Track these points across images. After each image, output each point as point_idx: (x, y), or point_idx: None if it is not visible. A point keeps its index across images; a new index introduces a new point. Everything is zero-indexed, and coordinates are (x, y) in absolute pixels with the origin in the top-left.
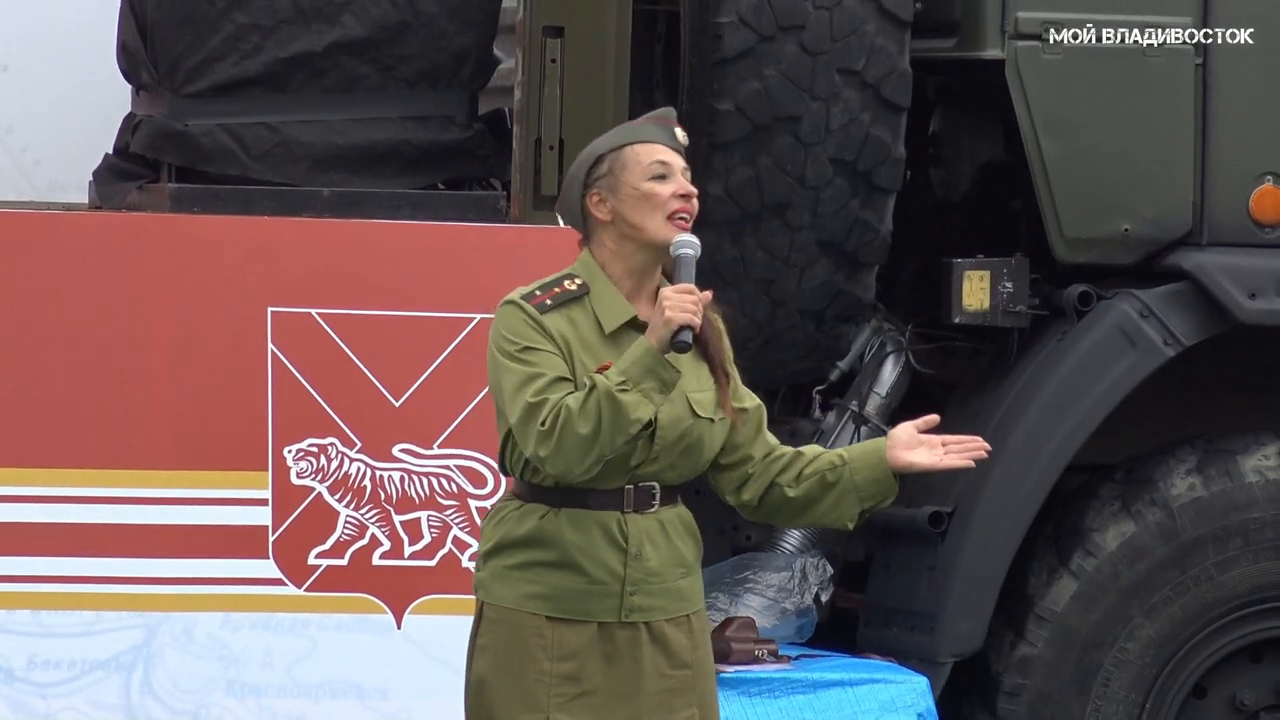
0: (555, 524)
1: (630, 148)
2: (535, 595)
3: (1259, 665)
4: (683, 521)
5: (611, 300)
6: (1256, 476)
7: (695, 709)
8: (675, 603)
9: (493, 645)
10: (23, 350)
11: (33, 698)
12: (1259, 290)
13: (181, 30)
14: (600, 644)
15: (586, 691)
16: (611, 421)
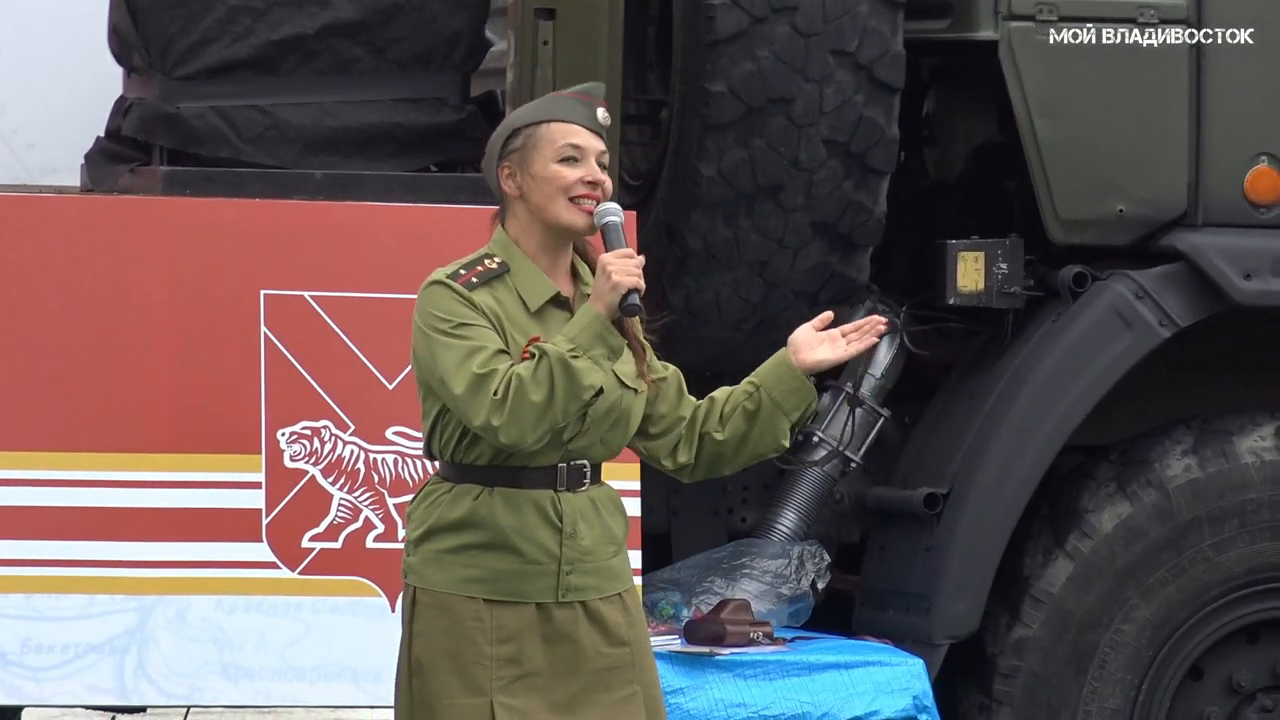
0: (489, 505)
1: (546, 125)
2: (472, 579)
3: (1255, 646)
4: (611, 499)
5: (533, 277)
6: (1252, 458)
7: (636, 686)
8: (608, 581)
9: (429, 630)
10: (14, 334)
11: (26, 681)
12: (1254, 271)
13: (173, 13)
14: (539, 625)
15: (528, 673)
16: (565, 388)
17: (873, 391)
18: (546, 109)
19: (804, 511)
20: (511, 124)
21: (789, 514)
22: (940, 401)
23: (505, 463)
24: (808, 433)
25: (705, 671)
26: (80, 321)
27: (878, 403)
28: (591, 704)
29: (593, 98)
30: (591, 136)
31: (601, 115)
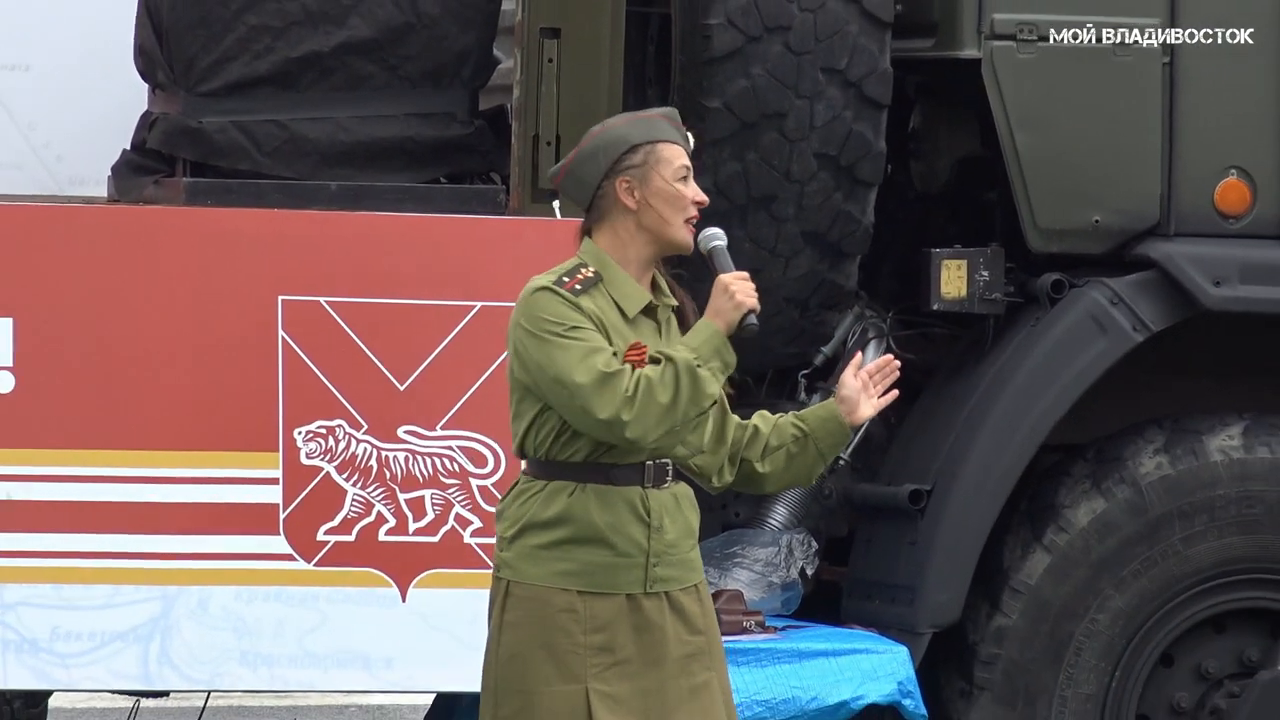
0: (583, 501)
1: (664, 145)
2: (566, 572)
3: (1223, 635)
4: (688, 495)
5: (628, 286)
6: (1221, 456)
7: (711, 673)
8: (688, 572)
9: (523, 621)
10: (43, 337)
11: (55, 667)
12: (1223, 278)
13: (195, 32)
14: (629, 614)
15: (620, 660)
16: (689, 395)
17: None
18: (654, 130)
19: (794, 507)
20: (625, 139)
21: (780, 508)
22: (924, 402)
23: (599, 459)
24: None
25: None
26: (106, 326)
27: None
28: (674, 690)
29: (680, 124)
30: (684, 154)
31: (689, 136)
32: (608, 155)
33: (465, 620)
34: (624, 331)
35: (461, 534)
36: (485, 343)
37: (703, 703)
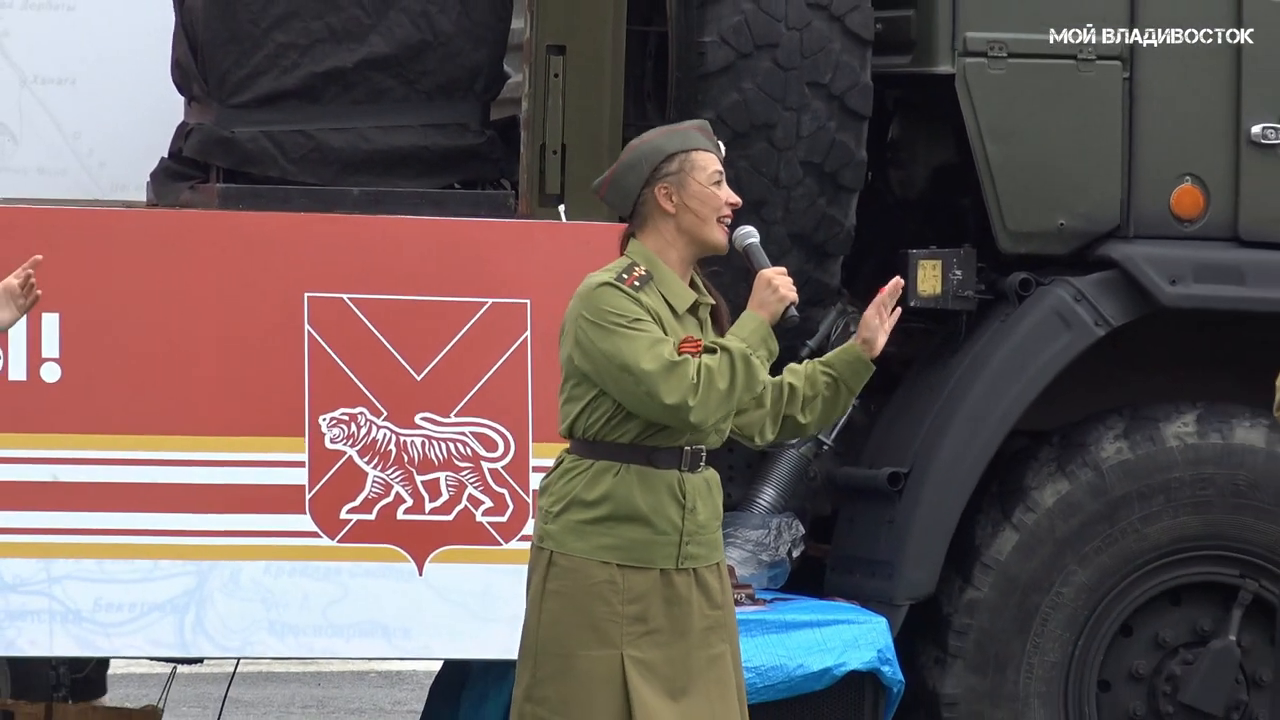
0: (627, 482)
1: (698, 152)
2: (608, 546)
3: (1178, 607)
4: (716, 480)
5: (676, 285)
6: (1176, 441)
7: (726, 645)
8: (713, 551)
9: (565, 590)
10: (88, 331)
11: (98, 636)
12: (1179, 277)
13: (228, 48)
14: (662, 588)
15: (652, 630)
16: (744, 381)
17: None
18: (688, 139)
19: (782, 488)
20: (662, 149)
21: (769, 490)
22: (902, 392)
23: (643, 442)
24: None
25: None
26: (145, 320)
27: None
28: (696, 659)
29: (711, 134)
30: (717, 161)
31: (720, 144)
32: (648, 165)
33: (477, 593)
34: (674, 327)
35: (474, 513)
36: (495, 336)
37: (718, 672)
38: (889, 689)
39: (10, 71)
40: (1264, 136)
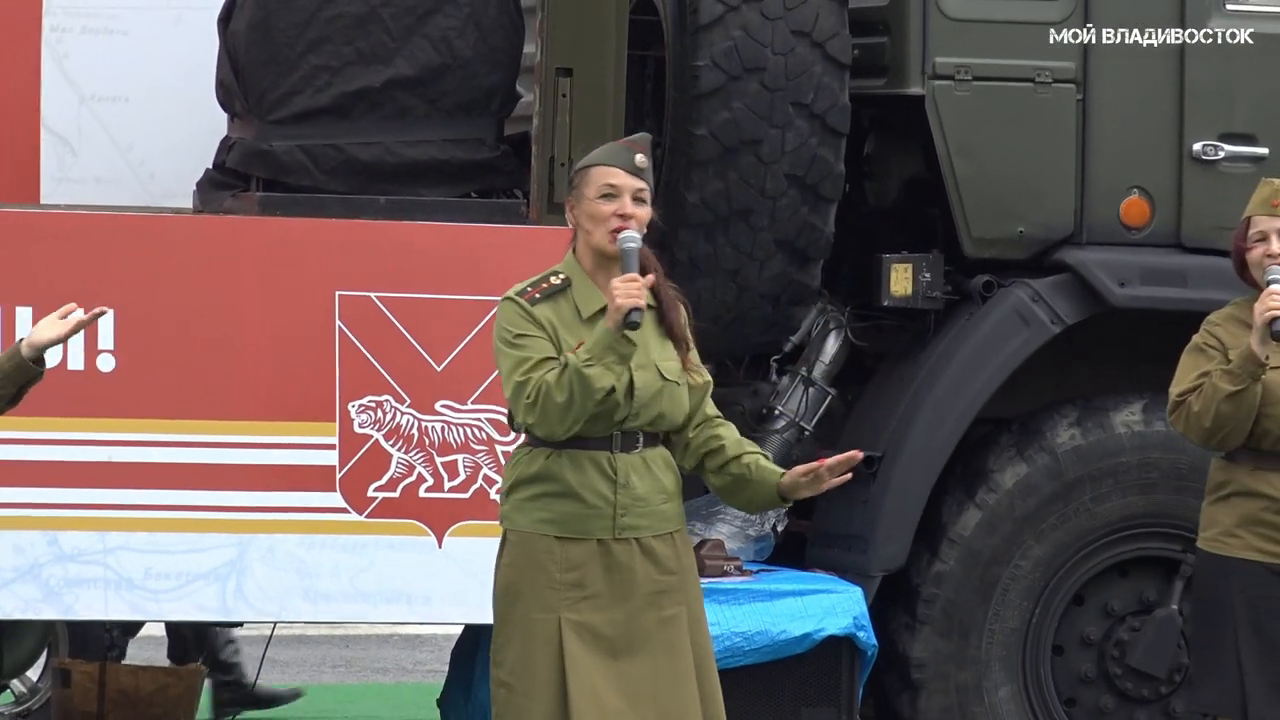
0: (558, 463)
1: (593, 169)
2: (545, 520)
3: (1126, 579)
4: (663, 458)
5: (586, 291)
6: (1124, 429)
7: (681, 607)
8: (660, 522)
9: (515, 562)
10: (140, 326)
11: (148, 601)
12: (1127, 280)
13: (267, 70)
14: (600, 556)
15: (590, 595)
16: (581, 392)
17: (822, 375)
18: (598, 155)
19: None
20: (574, 167)
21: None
22: (876, 383)
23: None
24: (770, 407)
25: None
26: (191, 316)
27: (826, 384)
28: (643, 621)
29: (635, 145)
30: (628, 177)
31: (639, 159)
32: (570, 182)
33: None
34: (578, 331)
35: (488, 491)
36: None
37: (668, 633)
38: (864, 652)
39: (70, 90)
40: (1204, 153)
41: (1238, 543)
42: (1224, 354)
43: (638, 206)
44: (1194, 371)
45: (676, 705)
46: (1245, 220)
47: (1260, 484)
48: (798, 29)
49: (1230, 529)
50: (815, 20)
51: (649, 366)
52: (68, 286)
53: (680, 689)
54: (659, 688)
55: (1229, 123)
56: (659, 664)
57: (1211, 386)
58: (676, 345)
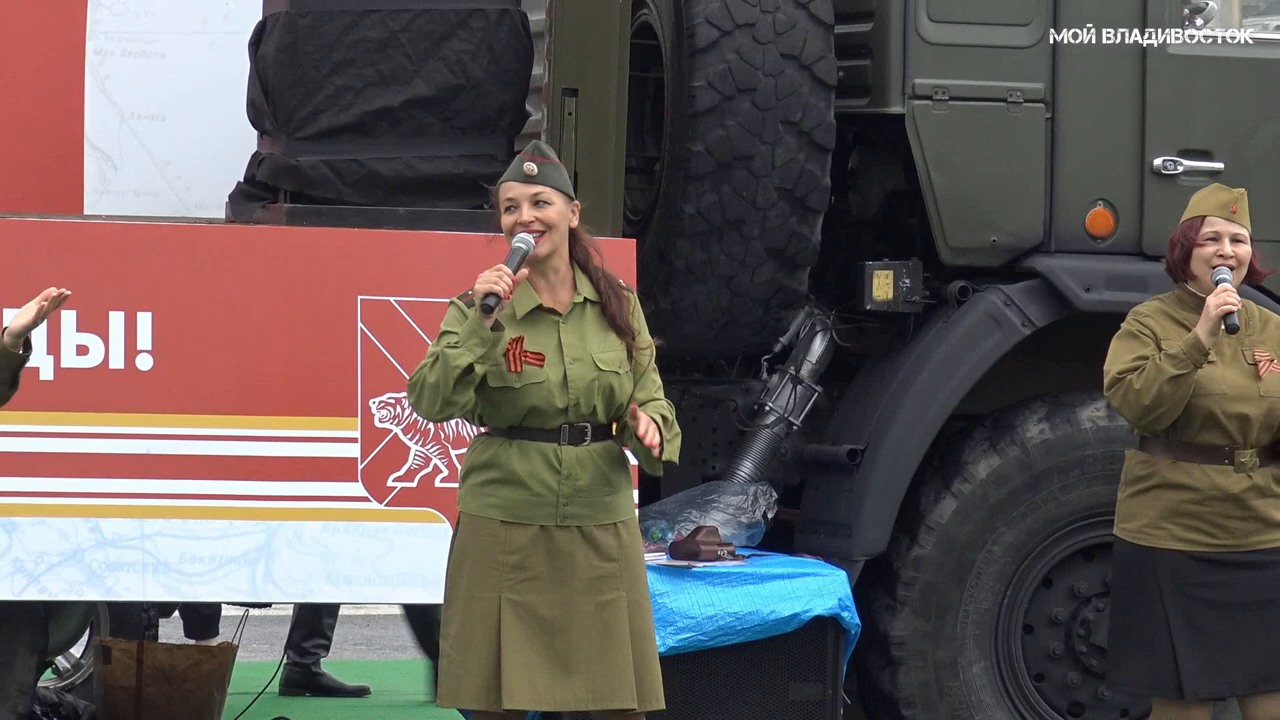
0: (508, 452)
1: (500, 186)
2: (492, 505)
3: (1091, 563)
4: (612, 454)
5: (521, 293)
6: (1090, 424)
7: (621, 593)
8: (603, 513)
9: (464, 543)
10: (176, 327)
11: (183, 584)
12: (1092, 286)
13: (294, 90)
14: (543, 542)
15: (531, 577)
16: (442, 370)
17: (809, 373)
18: (505, 174)
19: (758, 462)
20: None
21: (747, 463)
22: (859, 381)
23: (522, 424)
24: (761, 404)
25: (684, 579)
26: (224, 318)
27: (813, 382)
28: (580, 604)
29: (525, 155)
30: (522, 187)
31: (528, 167)
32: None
33: None
34: (513, 329)
35: None
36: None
37: (605, 616)
38: (848, 631)
39: (111, 109)
40: (1164, 168)
41: (1163, 534)
42: (1157, 343)
43: (539, 208)
44: (1128, 354)
45: (606, 683)
46: (1198, 218)
47: (1181, 476)
48: (787, 52)
49: (1155, 521)
50: (803, 44)
51: (585, 359)
52: (108, 292)
53: (613, 668)
54: (591, 666)
55: (1187, 139)
56: (593, 644)
57: (1155, 368)
58: (620, 335)
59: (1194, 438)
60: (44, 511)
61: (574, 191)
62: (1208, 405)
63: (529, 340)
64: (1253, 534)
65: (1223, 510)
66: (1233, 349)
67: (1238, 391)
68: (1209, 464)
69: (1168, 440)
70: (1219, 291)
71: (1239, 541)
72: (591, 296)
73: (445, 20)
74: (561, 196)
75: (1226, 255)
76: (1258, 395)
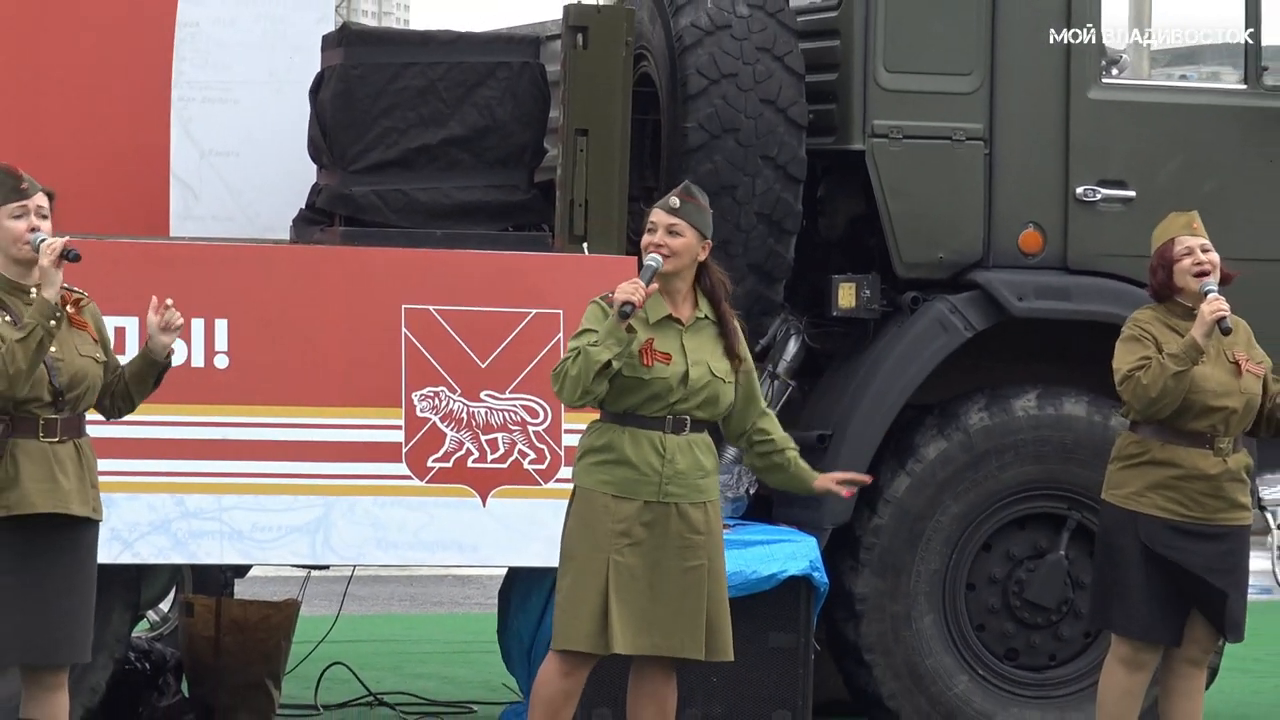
0: (620, 437)
1: (653, 208)
2: (604, 481)
3: (1024, 530)
4: (706, 443)
5: (653, 302)
6: (1023, 413)
7: (704, 560)
8: (695, 493)
9: (579, 512)
10: (248, 332)
11: (254, 549)
12: (1024, 295)
13: (348, 131)
14: (645, 514)
15: (635, 542)
16: (583, 365)
17: (785, 370)
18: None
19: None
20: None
21: (731, 450)
22: (827, 377)
23: (634, 411)
24: None
25: None
26: (289, 323)
27: (788, 377)
28: (672, 567)
29: (677, 194)
30: (664, 215)
31: (672, 202)
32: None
33: (524, 519)
34: (646, 331)
35: (522, 463)
36: (537, 336)
37: (689, 578)
38: (818, 589)
39: (193, 147)
40: (1085, 195)
41: (1146, 501)
42: (1156, 344)
43: (670, 236)
44: (1133, 355)
45: (679, 636)
46: (1169, 241)
47: (1170, 456)
48: (765, 99)
49: (1141, 490)
50: (779, 91)
51: (702, 364)
52: (191, 302)
53: (689, 624)
54: (670, 621)
55: (1104, 171)
56: (674, 602)
57: (1159, 365)
58: (730, 358)
59: (1185, 425)
60: (137, 488)
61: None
62: (1202, 399)
63: (658, 342)
64: (1220, 511)
65: (1199, 488)
66: (1215, 350)
67: (1224, 388)
68: (1193, 448)
69: (1159, 426)
70: (1211, 300)
71: (1208, 516)
72: (711, 316)
73: (476, 71)
74: (694, 232)
75: (1203, 263)
76: (1239, 391)
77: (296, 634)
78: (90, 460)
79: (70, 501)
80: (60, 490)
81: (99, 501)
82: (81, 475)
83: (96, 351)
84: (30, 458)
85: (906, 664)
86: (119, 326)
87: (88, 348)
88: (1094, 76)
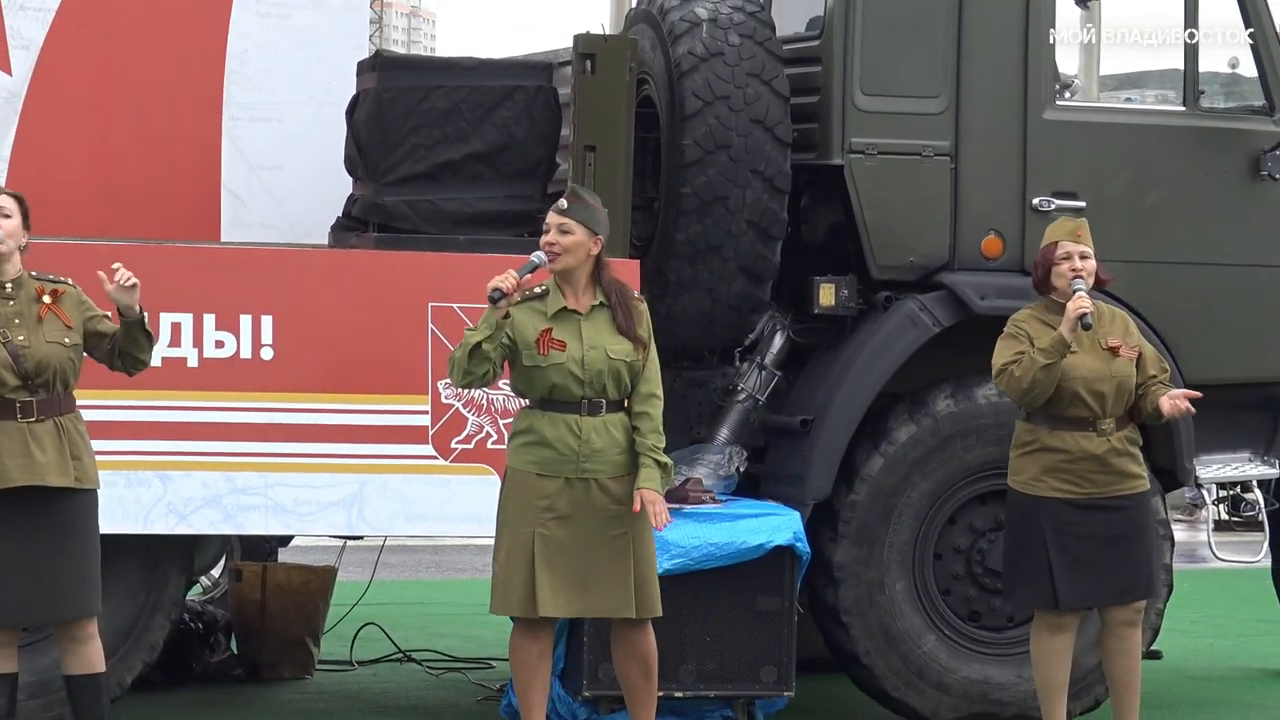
0: (540, 420)
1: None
2: (529, 460)
3: (985, 505)
4: (620, 421)
5: (551, 296)
6: (985, 400)
7: (627, 529)
8: (614, 468)
9: (509, 489)
10: (292, 326)
11: (295, 521)
12: (986, 295)
13: (380, 147)
14: (567, 490)
15: (559, 516)
16: (461, 348)
17: (772, 361)
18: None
19: (733, 429)
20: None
21: (724, 430)
22: (809, 367)
23: (550, 397)
24: (734, 385)
25: (676, 518)
26: (326, 318)
27: (775, 368)
28: (597, 536)
29: (566, 194)
30: (555, 216)
31: (560, 203)
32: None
33: None
34: (543, 324)
35: None
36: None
37: (616, 546)
38: (800, 558)
39: (242, 162)
40: (1040, 206)
41: (1044, 485)
42: (1030, 341)
43: (560, 234)
44: (1009, 351)
45: (612, 598)
46: (1053, 244)
47: (1057, 441)
48: (754, 118)
49: (1037, 475)
50: (767, 112)
51: (599, 348)
52: (240, 300)
53: (618, 586)
54: (602, 585)
55: (1058, 184)
56: (603, 568)
57: (1029, 360)
58: (631, 340)
59: (1064, 411)
60: (191, 467)
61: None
62: (1073, 386)
63: (556, 331)
64: (1112, 484)
65: (1088, 467)
66: (1090, 340)
67: (1096, 374)
68: (1077, 431)
69: (1045, 413)
70: (1076, 298)
71: (1102, 490)
72: (608, 303)
73: (495, 94)
74: (584, 229)
75: (1078, 269)
76: (1110, 375)
77: (334, 597)
78: (74, 435)
79: (47, 473)
80: (36, 464)
81: (86, 471)
82: (61, 449)
83: (64, 337)
84: (9, 437)
85: (880, 625)
86: (175, 322)
87: (56, 334)
88: (1049, 99)
